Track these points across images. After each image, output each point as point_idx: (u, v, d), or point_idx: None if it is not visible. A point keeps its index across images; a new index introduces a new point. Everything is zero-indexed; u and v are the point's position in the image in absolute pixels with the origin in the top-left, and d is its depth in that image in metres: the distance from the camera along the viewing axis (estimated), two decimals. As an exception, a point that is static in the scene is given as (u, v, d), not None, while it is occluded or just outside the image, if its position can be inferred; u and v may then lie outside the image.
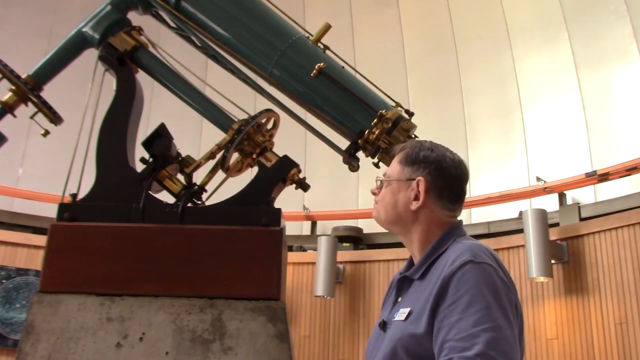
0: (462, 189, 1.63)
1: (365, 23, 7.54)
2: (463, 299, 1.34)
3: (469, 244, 1.49)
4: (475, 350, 1.26)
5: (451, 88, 6.88)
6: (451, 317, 1.34)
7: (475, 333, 1.28)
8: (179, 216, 1.96)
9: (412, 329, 1.41)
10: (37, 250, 5.92)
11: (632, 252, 4.89)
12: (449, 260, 1.43)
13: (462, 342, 1.29)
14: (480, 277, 1.37)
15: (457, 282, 1.37)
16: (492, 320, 1.30)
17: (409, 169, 1.60)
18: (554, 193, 5.78)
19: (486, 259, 1.42)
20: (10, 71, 2.21)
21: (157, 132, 2.09)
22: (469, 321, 1.30)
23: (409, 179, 1.59)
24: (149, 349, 1.75)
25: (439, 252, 1.51)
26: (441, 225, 1.58)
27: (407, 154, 1.63)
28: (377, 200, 1.67)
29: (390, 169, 1.67)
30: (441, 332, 1.34)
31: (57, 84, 2.38)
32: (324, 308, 6.25)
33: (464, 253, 1.42)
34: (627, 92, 5.77)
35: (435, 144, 1.66)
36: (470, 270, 1.38)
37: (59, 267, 1.87)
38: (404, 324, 1.45)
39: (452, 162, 1.61)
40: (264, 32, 2.29)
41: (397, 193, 1.61)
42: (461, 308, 1.33)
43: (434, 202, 1.58)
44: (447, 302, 1.36)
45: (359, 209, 6.95)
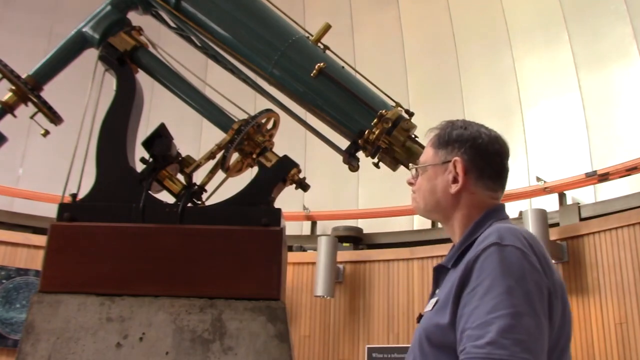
0: (503, 165, 1.53)
1: (365, 23, 7.54)
2: (483, 284, 1.25)
3: (500, 226, 1.38)
4: (487, 338, 1.17)
5: (451, 88, 6.88)
6: (471, 304, 1.25)
7: (489, 320, 1.19)
8: (179, 216, 1.96)
9: (437, 319, 1.34)
10: (37, 250, 5.92)
11: (632, 252, 4.89)
12: (476, 244, 1.35)
13: (476, 329, 1.20)
14: (503, 259, 1.27)
15: (479, 266, 1.28)
16: (510, 306, 1.20)
17: (443, 151, 1.52)
18: (554, 193, 5.79)
19: (514, 241, 1.30)
20: (10, 71, 2.21)
21: (157, 132, 2.09)
22: (485, 307, 1.21)
23: (444, 162, 1.51)
24: (149, 349, 1.75)
25: (473, 238, 1.41)
26: (483, 208, 1.48)
27: (438, 135, 1.55)
28: (414, 190, 1.59)
29: (423, 155, 1.59)
30: (462, 320, 1.26)
31: (57, 84, 2.38)
32: (324, 308, 6.25)
33: (490, 236, 1.33)
34: (627, 92, 5.77)
35: (468, 121, 1.57)
36: (494, 252, 1.28)
37: (59, 267, 1.87)
38: (430, 314, 1.39)
39: (488, 138, 1.51)
40: (264, 32, 2.28)
41: (434, 179, 1.53)
42: (480, 294, 1.24)
43: (475, 182, 1.49)
44: (469, 288, 1.27)
45: (359, 209, 6.96)
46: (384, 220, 6.81)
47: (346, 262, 6.32)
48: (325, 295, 6.04)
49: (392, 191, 6.63)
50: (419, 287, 5.98)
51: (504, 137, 1.57)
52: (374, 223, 6.84)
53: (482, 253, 1.29)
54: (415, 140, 2.11)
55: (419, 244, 6.27)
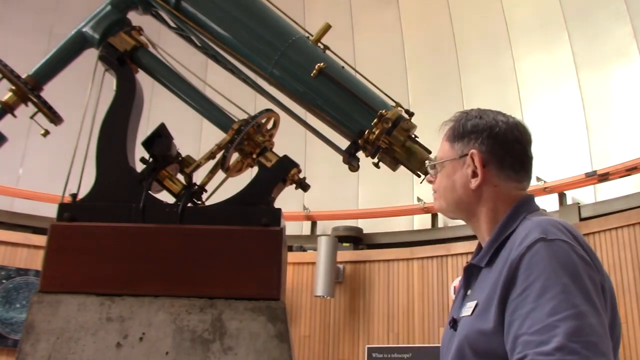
0: (525, 153, 1.45)
1: (365, 23, 7.54)
2: (535, 285, 1.14)
3: (539, 219, 1.29)
4: (554, 343, 1.07)
5: (451, 88, 6.88)
6: (524, 308, 1.14)
7: (552, 324, 1.09)
8: (179, 216, 1.96)
9: (479, 325, 1.24)
10: (37, 250, 5.92)
11: (632, 252, 4.89)
12: (517, 241, 1.25)
13: (537, 335, 1.10)
14: (553, 256, 1.17)
15: (527, 265, 1.18)
16: (572, 306, 1.10)
17: (459, 144, 1.44)
18: (554, 193, 5.79)
19: (559, 235, 1.21)
20: (10, 71, 2.21)
21: (157, 132, 2.09)
22: (544, 310, 1.11)
23: (461, 156, 1.42)
24: (149, 349, 1.75)
25: (507, 233, 1.32)
26: (509, 201, 1.39)
27: (453, 128, 1.47)
28: (435, 189, 1.50)
29: (440, 150, 1.51)
30: (513, 326, 1.15)
31: (57, 84, 2.38)
32: (324, 308, 6.26)
33: (532, 231, 1.23)
34: (627, 92, 5.77)
35: (483, 110, 1.49)
36: (542, 249, 1.18)
37: (59, 267, 1.87)
38: (470, 319, 1.28)
39: (506, 125, 1.43)
40: (264, 32, 2.28)
41: (452, 174, 1.44)
42: (534, 296, 1.14)
43: (496, 174, 1.40)
44: (518, 291, 1.17)
45: (359, 209, 6.96)
46: (384, 220, 6.81)
47: (346, 262, 6.32)
48: (325, 295, 6.04)
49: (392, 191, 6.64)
50: (419, 287, 5.99)
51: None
52: (374, 223, 6.84)
53: (527, 251, 1.20)
54: (415, 140, 2.11)
55: (419, 244, 6.27)
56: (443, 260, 5.97)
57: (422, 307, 5.90)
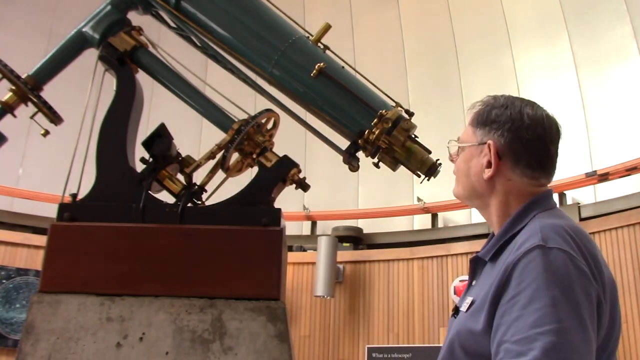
0: (547, 152, 1.40)
1: (365, 23, 7.54)
2: (525, 293, 1.13)
3: (543, 223, 1.25)
4: (530, 356, 1.07)
5: (451, 88, 6.88)
6: (511, 314, 1.14)
7: (533, 336, 1.09)
8: (179, 216, 1.96)
9: (471, 325, 1.25)
10: (37, 250, 5.92)
11: (632, 252, 4.89)
12: (518, 243, 1.23)
13: (517, 345, 1.10)
14: (548, 265, 1.15)
15: (520, 271, 1.16)
16: (556, 320, 1.09)
17: (480, 131, 1.41)
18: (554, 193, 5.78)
19: (560, 243, 1.18)
20: (10, 71, 2.21)
21: (157, 132, 2.09)
22: (528, 320, 1.11)
23: (480, 143, 1.40)
24: (149, 349, 1.75)
25: (515, 230, 1.31)
26: (522, 196, 1.36)
27: (478, 113, 1.44)
28: (455, 172, 1.49)
29: (463, 132, 1.48)
30: (499, 331, 1.15)
31: (57, 84, 2.38)
32: (324, 308, 6.26)
33: (533, 236, 1.21)
34: (627, 92, 5.77)
35: (512, 99, 1.44)
36: (537, 257, 1.16)
37: (59, 267, 1.87)
38: (464, 316, 1.29)
39: (530, 120, 1.38)
40: (264, 32, 2.28)
41: (469, 160, 1.43)
42: (522, 304, 1.13)
43: (511, 168, 1.37)
44: (509, 296, 1.16)
45: (359, 209, 6.96)
46: (384, 220, 6.81)
47: (346, 262, 6.32)
48: (325, 295, 6.04)
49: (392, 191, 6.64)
50: (419, 287, 5.99)
51: None
52: (374, 223, 6.84)
53: (523, 257, 1.18)
54: (415, 140, 2.11)
55: (419, 244, 6.27)
56: (443, 260, 5.97)
57: (422, 307, 5.90)
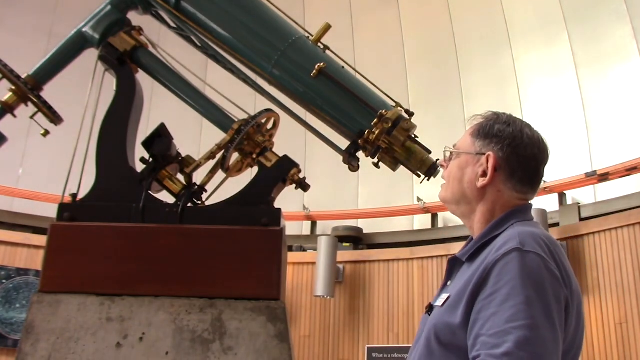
0: (538, 171, 1.50)
1: (365, 23, 7.54)
2: (502, 291, 1.23)
3: (522, 230, 1.36)
4: (504, 348, 1.16)
5: (451, 88, 6.88)
6: (488, 310, 1.23)
7: (507, 330, 1.18)
8: (179, 216, 1.96)
9: (447, 318, 1.33)
10: (37, 250, 5.92)
11: (632, 252, 4.89)
12: (496, 246, 1.33)
13: (493, 338, 1.19)
14: (524, 267, 1.25)
15: (499, 271, 1.26)
16: (528, 317, 1.19)
17: (480, 142, 1.50)
18: (554, 193, 5.79)
19: (536, 248, 1.29)
20: (10, 71, 2.21)
21: (157, 132, 2.09)
22: (503, 316, 1.20)
23: (478, 153, 1.49)
24: (149, 349, 1.75)
25: (493, 234, 1.41)
26: (507, 207, 1.46)
27: (480, 125, 1.52)
28: (445, 176, 1.56)
29: (461, 140, 1.56)
30: (476, 325, 1.24)
31: (57, 84, 2.38)
32: (324, 308, 6.26)
33: (512, 239, 1.31)
34: (627, 92, 5.77)
35: (513, 118, 1.53)
36: (515, 259, 1.26)
37: (59, 267, 1.87)
38: (441, 310, 1.36)
39: (529, 140, 1.47)
40: (264, 32, 2.28)
41: (464, 167, 1.50)
42: (498, 301, 1.22)
43: (503, 181, 1.46)
44: (486, 293, 1.26)
45: (359, 209, 6.96)
46: (384, 220, 6.81)
47: (346, 262, 6.32)
48: (325, 295, 6.04)
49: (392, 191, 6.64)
50: (419, 287, 5.99)
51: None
52: (374, 223, 6.84)
53: (502, 258, 1.27)
54: (415, 140, 2.11)
55: (419, 244, 6.27)
56: (443, 260, 5.97)
57: (422, 307, 5.89)
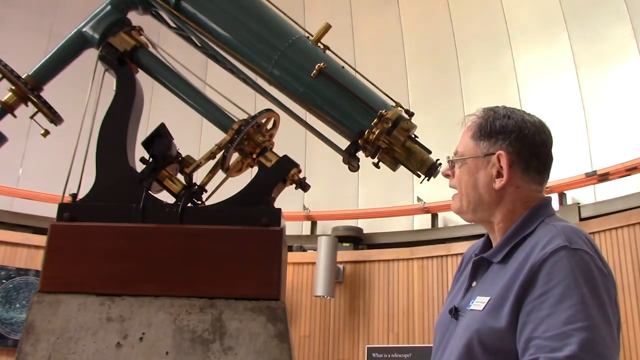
0: (550, 155, 1.46)
1: (365, 23, 7.54)
2: (555, 291, 1.18)
3: (562, 225, 1.31)
4: (567, 352, 1.11)
5: (451, 88, 6.88)
6: (540, 311, 1.18)
7: (567, 332, 1.13)
8: (179, 216, 1.96)
9: (491, 322, 1.26)
10: (37, 250, 5.92)
11: (632, 252, 4.89)
12: (539, 244, 1.27)
13: (551, 341, 1.13)
14: (575, 266, 1.20)
15: (548, 270, 1.21)
16: (588, 317, 1.14)
17: (485, 143, 1.43)
18: (554, 193, 5.78)
19: (583, 245, 1.25)
20: (10, 71, 2.21)
21: (157, 132, 2.09)
22: (560, 317, 1.15)
23: (487, 154, 1.42)
24: (149, 349, 1.75)
25: (524, 234, 1.35)
26: (528, 202, 1.40)
27: (480, 126, 1.46)
28: (454, 185, 1.47)
29: (461, 145, 1.49)
30: (527, 327, 1.19)
31: (57, 84, 2.38)
32: (324, 308, 6.26)
33: (557, 237, 1.26)
34: (627, 92, 5.77)
35: (511, 109, 1.48)
36: (565, 257, 1.21)
37: (59, 267, 1.87)
38: (481, 314, 1.29)
39: (533, 127, 1.42)
40: (264, 32, 2.28)
41: (475, 172, 1.43)
42: (552, 301, 1.17)
43: (520, 176, 1.40)
44: (536, 294, 1.20)
45: (359, 209, 6.96)
46: (384, 220, 6.81)
47: (346, 262, 6.32)
48: (325, 295, 6.04)
49: (392, 191, 6.64)
50: (418, 287, 5.99)
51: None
52: (374, 223, 6.84)
53: (550, 256, 1.23)
54: (415, 140, 2.11)
55: (419, 244, 6.27)
56: (443, 260, 5.97)
57: (422, 307, 5.90)
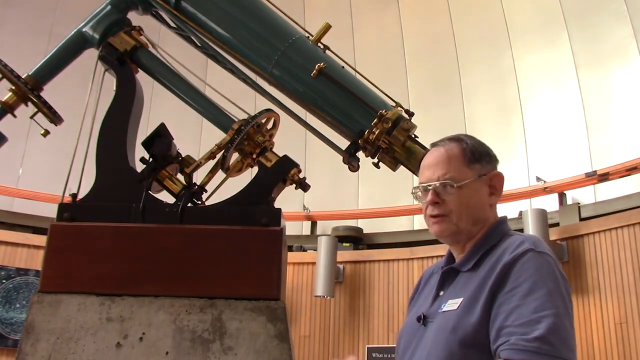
0: None
1: (365, 23, 7.54)
2: (523, 286, 1.33)
3: (527, 235, 1.49)
4: (536, 333, 1.25)
5: (451, 88, 6.88)
6: (510, 304, 1.32)
7: (535, 319, 1.27)
8: (179, 216, 1.96)
9: (466, 318, 1.38)
10: (37, 250, 5.92)
11: (632, 252, 4.89)
12: (509, 249, 1.42)
13: (522, 327, 1.27)
14: (541, 265, 1.36)
15: (518, 269, 1.36)
16: (553, 307, 1.29)
17: (476, 166, 1.54)
18: (554, 193, 5.79)
19: (547, 250, 1.42)
20: (10, 71, 2.21)
21: (157, 132, 2.09)
22: (529, 307, 1.29)
23: (481, 175, 1.54)
24: (149, 349, 1.75)
25: (492, 244, 1.49)
26: (495, 217, 1.56)
27: (469, 150, 1.55)
28: (444, 212, 1.52)
29: (450, 172, 1.53)
30: (498, 318, 1.32)
31: (57, 84, 2.38)
32: (324, 308, 6.26)
33: (524, 242, 1.42)
34: (626, 92, 5.78)
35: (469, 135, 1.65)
36: (532, 258, 1.37)
37: (59, 267, 1.87)
38: (456, 312, 1.40)
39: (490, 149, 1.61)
40: (264, 32, 2.28)
41: (473, 195, 1.52)
42: (521, 294, 1.32)
43: (497, 194, 1.57)
44: (507, 289, 1.34)
45: (359, 209, 6.96)
46: (384, 220, 6.81)
47: (346, 262, 6.32)
48: (325, 295, 6.04)
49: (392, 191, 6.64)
50: (419, 287, 5.98)
51: (503, 138, 1.64)
52: (374, 223, 6.84)
53: (520, 257, 1.37)
54: (415, 140, 2.11)
55: (419, 244, 6.27)
56: (443, 260, 5.96)
57: (422, 307, 5.88)
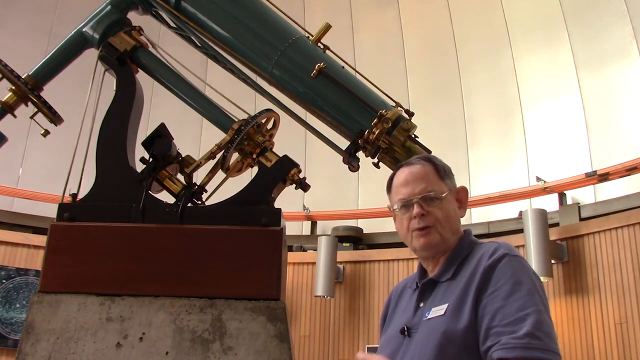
0: None
1: (365, 23, 7.54)
2: (504, 287, 1.42)
3: (501, 242, 1.59)
4: (524, 330, 1.34)
5: (451, 88, 6.88)
6: (494, 305, 1.40)
7: (520, 317, 1.36)
8: (179, 216, 1.96)
9: (455, 322, 1.45)
10: (37, 250, 5.93)
11: (632, 252, 4.89)
12: (485, 255, 1.51)
13: (509, 326, 1.36)
14: (517, 268, 1.47)
15: (498, 272, 1.45)
16: (535, 304, 1.39)
17: (447, 181, 1.66)
18: (554, 193, 5.79)
19: (519, 255, 1.54)
20: (10, 71, 2.21)
21: (157, 132, 2.09)
22: (513, 307, 1.38)
23: (451, 190, 1.66)
24: (149, 349, 1.75)
25: (465, 254, 1.59)
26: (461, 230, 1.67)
27: (441, 167, 1.68)
28: (430, 224, 1.60)
29: (430, 186, 1.62)
30: (485, 319, 1.40)
31: (57, 84, 2.38)
32: (324, 308, 6.26)
33: (499, 248, 1.52)
34: (627, 92, 5.78)
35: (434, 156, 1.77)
36: (509, 262, 1.47)
37: (59, 267, 1.87)
38: (444, 318, 1.47)
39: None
40: (264, 32, 2.28)
41: (448, 207, 1.63)
42: (503, 295, 1.41)
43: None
44: (489, 291, 1.43)
45: (359, 209, 6.96)
46: (384, 220, 6.79)
47: (346, 262, 6.33)
48: (325, 295, 6.04)
49: (392, 191, 6.63)
50: (419, 287, 5.98)
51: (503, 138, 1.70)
52: (374, 223, 6.84)
53: (498, 261, 1.47)
54: (415, 140, 2.11)
55: (419, 244, 6.26)
56: (443, 260, 5.96)
57: (422, 307, 5.89)
